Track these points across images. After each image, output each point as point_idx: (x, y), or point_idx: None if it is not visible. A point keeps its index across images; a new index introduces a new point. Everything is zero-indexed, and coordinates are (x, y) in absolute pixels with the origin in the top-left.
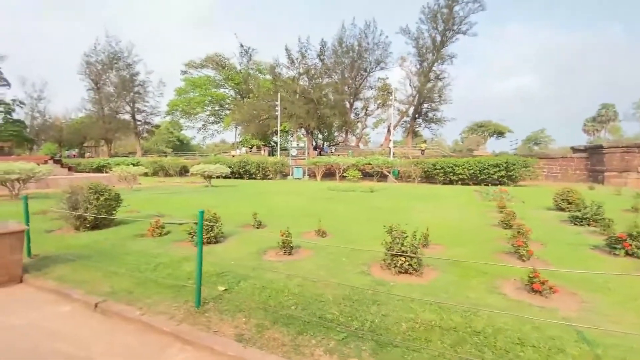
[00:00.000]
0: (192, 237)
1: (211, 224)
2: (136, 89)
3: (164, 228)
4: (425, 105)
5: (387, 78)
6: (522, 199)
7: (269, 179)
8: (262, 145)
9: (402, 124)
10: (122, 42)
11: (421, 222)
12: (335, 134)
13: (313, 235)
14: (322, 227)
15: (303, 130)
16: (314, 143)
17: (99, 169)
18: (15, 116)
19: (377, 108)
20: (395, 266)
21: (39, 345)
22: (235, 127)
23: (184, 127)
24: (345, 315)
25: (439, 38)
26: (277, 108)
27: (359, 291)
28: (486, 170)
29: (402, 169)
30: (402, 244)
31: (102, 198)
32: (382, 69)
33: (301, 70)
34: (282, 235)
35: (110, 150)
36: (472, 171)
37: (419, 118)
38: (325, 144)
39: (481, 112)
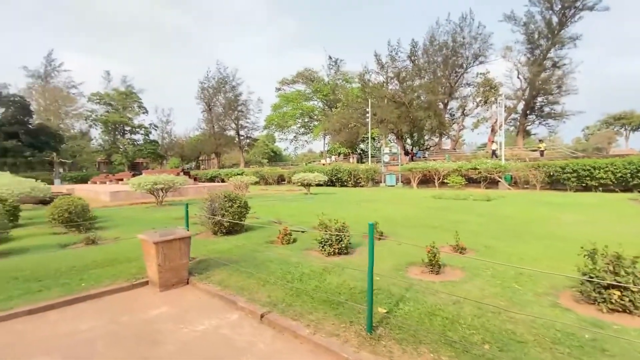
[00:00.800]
0: (322, 246)
1: (341, 234)
2: (239, 108)
3: (291, 235)
4: (540, 99)
5: (488, 72)
6: None
7: (360, 186)
8: (350, 152)
9: (509, 121)
10: (228, 68)
11: (587, 238)
12: (426, 137)
13: (448, 250)
14: (460, 241)
15: (392, 136)
16: (404, 148)
17: (212, 179)
18: (151, 137)
19: (477, 106)
20: (605, 301)
21: (224, 358)
22: (324, 137)
23: (278, 139)
24: None
25: (555, 19)
26: (366, 115)
27: (568, 333)
28: None
29: (517, 173)
30: (616, 273)
31: (235, 206)
32: (481, 63)
33: (391, 74)
34: (428, 251)
35: (219, 162)
36: (619, 174)
37: (531, 114)
38: (415, 148)
39: (617, 101)
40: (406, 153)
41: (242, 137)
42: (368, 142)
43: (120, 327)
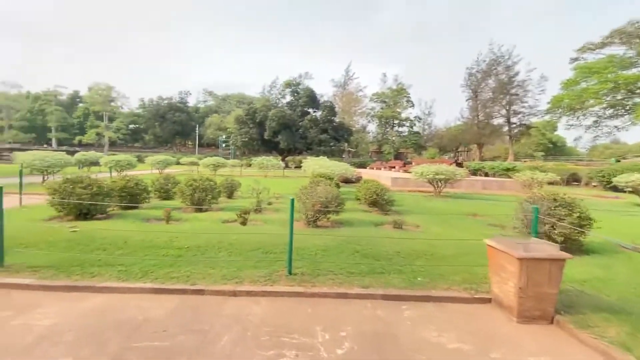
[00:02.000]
0: None
1: None
2: (514, 90)
3: None
4: None
5: None
6: None
7: None
8: None
9: None
10: (503, 46)
11: None
12: None
13: None
14: None
15: None
16: None
17: (474, 172)
18: (414, 129)
19: None
20: None
21: None
22: None
23: (565, 125)
24: None
25: None
26: None
27: None
28: None
29: None
30: None
31: (574, 215)
32: None
33: None
34: None
35: (481, 154)
36: None
37: None
38: None
39: None
40: None
41: (513, 125)
42: None
43: None
